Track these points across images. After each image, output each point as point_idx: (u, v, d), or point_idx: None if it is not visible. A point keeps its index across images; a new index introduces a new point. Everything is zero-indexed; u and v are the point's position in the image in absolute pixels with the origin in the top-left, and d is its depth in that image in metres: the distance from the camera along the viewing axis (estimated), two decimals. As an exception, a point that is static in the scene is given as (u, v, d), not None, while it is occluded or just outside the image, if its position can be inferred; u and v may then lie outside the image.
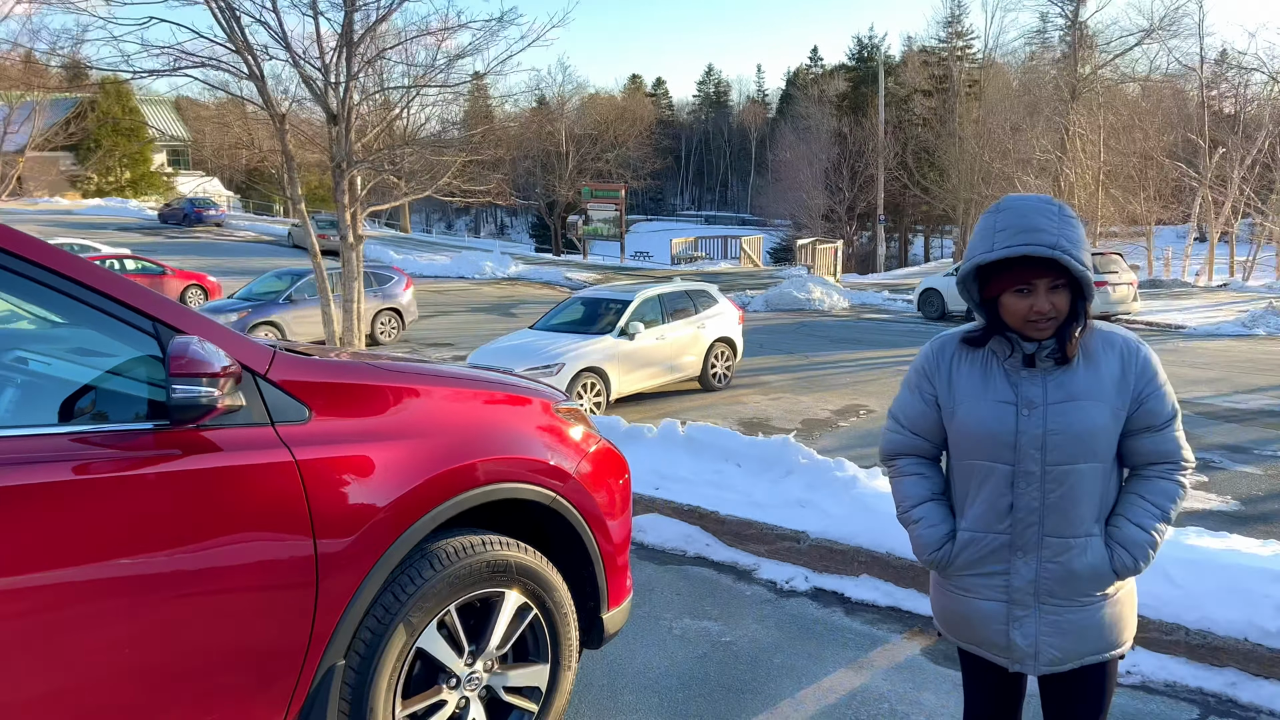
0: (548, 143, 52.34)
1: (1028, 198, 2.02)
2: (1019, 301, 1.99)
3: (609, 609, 3.27)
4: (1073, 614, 2.08)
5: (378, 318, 17.21)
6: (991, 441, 2.06)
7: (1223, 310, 21.73)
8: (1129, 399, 2.05)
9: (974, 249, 2.04)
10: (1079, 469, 2.02)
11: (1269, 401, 10.73)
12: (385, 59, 12.69)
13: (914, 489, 2.25)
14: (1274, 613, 3.63)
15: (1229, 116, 43.70)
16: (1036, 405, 2.02)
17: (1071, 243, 1.94)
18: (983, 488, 2.11)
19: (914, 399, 2.26)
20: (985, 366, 2.11)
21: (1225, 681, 3.62)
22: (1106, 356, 2.06)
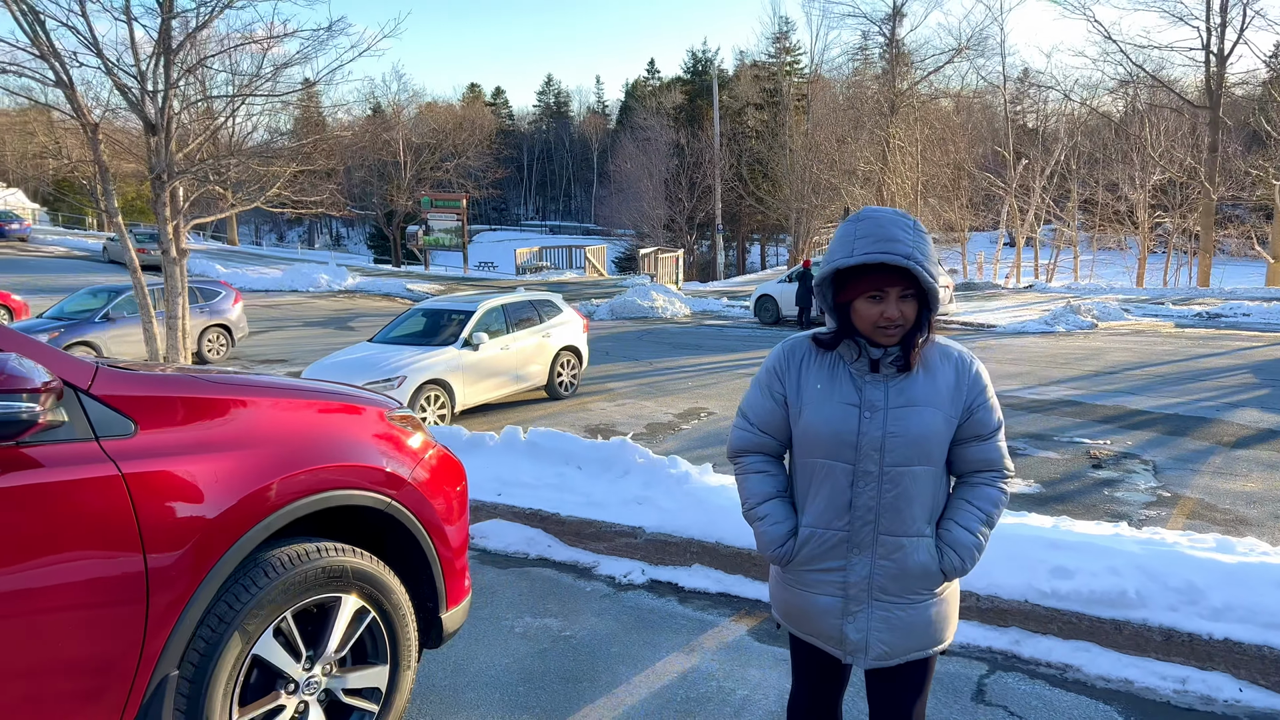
0: (384, 152, 51.16)
1: (886, 210, 2.15)
2: (871, 308, 2.09)
3: (447, 609, 3.37)
4: (902, 611, 2.19)
5: (205, 334, 16.50)
6: (835, 441, 2.15)
7: (1028, 310, 23.41)
8: (961, 408, 2.18)
9: (833, 254, 2.12)
10: (914, 471, 2.14)
11: (1067, 392, 11.64)
12: (208, 66, 12.24)
13: (759, 486, 2.33)
14: (1049, 575, 4.10)
15: (1031, 130, 47.37)
16: (878, 409, 2.13)
17: (924, 255, 2.06)
18: (824, 486, 2.20)
19: (763, 398, 2.32)
20: (833, 369, 2.20)
21: (1010, 639, 4.06)
22: (944, 367, 2.18)
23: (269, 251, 58.19)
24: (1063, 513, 6.24)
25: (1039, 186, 39.61)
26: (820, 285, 2.20)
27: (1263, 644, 3.69)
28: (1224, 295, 26.76)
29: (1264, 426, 9.32)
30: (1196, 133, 36.32)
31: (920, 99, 40.49)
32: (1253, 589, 3.78)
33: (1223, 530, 5.99)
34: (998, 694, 3.70)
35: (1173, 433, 9.21)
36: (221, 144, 15.41)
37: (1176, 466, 7.86)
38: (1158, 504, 6.84)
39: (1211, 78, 33.69)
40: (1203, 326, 19.70)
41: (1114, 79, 39.06)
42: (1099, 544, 4.24)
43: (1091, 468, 7.95)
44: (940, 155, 39.17)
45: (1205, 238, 34.01)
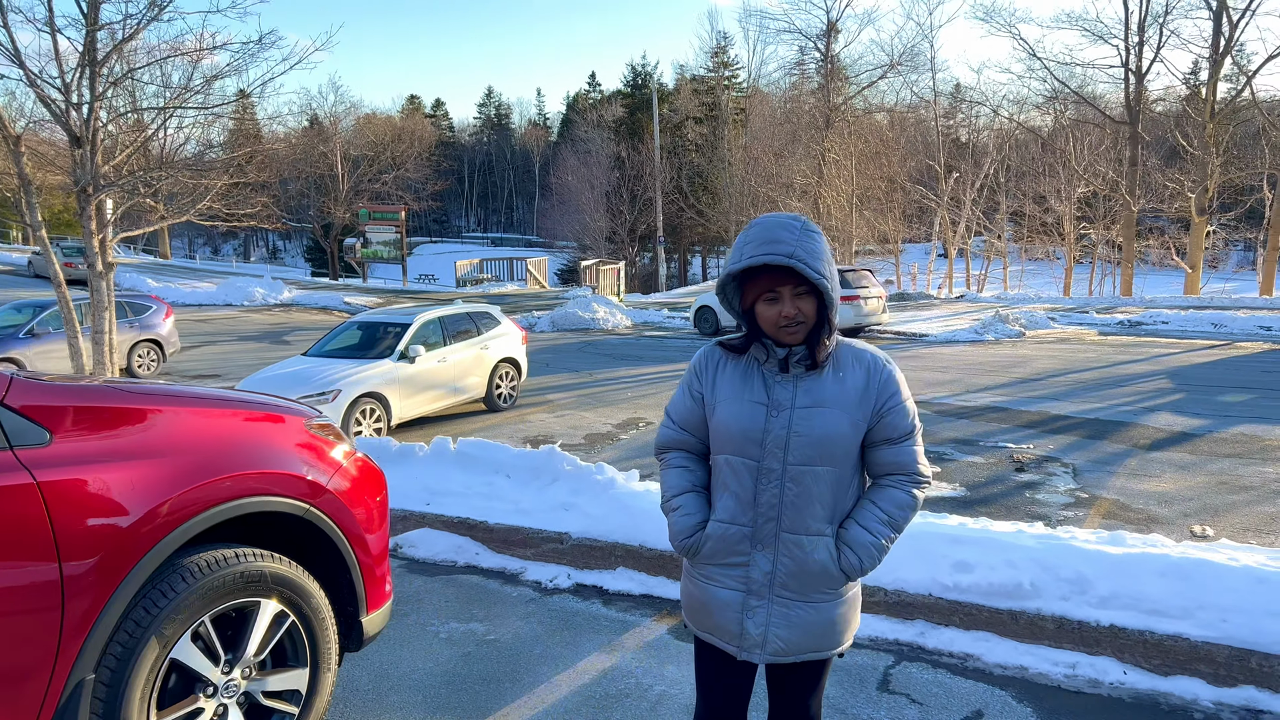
0: (321, 164, 50.62)
1: (777, 215, 2.20)
2: (769, 308, 2.16)
3: (368, 613, 3.45)
4: (802, 610, 2.23)
5: (134, 350, 16.20)
6: (743, 438, 2.21)
7: (960, 319, 23.90)
8: (870, 411, 2.20)
9: (728, 261, 2.21)
10: (816, 471, 2.17)
11: (994, 399, 11.92)
12: (136, 79, 12.08)
13: (676, 480, 2.40)
14: (951, 570, 4.31)
15: (963, 144, 48.58)
16: (785, 408, 2.18)
17: (809, 253, 2.10)
18: (732, 482, 2.25)
19: (684, 398, 2.41)
20: (747, 371, 2.27)
21: (915, 631, 4.26)
22: (855, 370, 2.22)
23: (203, 265, 57.10)
24: (985, 515, 6.35)
25: (970, 199, 40.64)
26: (723, 293, 2.26)
27: (1145, 629, 3.92)
28: (1145, 304, 27.72)
29: (1177, 429, 9.67)
30: (1118, 147, 37.60)
31: (855, 114, 41.32)
32: (1136, 578, 4.02)
33: (1135, 529, 6.20)
34: (901, 683, 3.89)
35: (1093, 436, 9.49)
36: (152, 156, 15.18)
37: (1095, 469, 8.12)
38: (1076, 505, 7.07)
39: (1131, 95, 34.96)
40: (1124, 334, 20.34)
41: (1040, 95, 40.34)
42: (998, 539, 4.46)
43: (1015, 471, 8.16)
44: (875, 169, 39.96)
45: (1127, 248, 35.21)
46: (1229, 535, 6.12)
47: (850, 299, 19.50)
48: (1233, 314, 21.60)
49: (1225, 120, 33.74)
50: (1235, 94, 33.72)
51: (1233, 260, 54.53)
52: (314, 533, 3.28)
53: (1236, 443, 8.91)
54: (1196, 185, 32.63)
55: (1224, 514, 6.68)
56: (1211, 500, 7.04)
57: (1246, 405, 10.91)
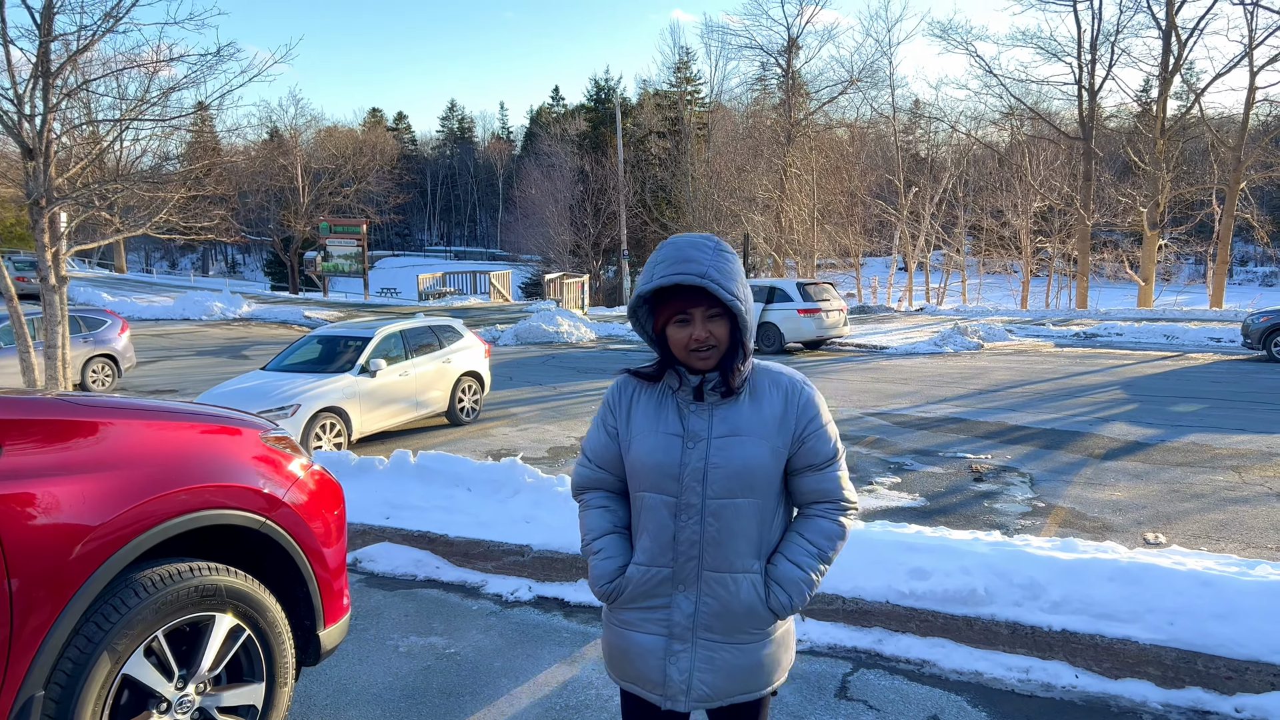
0: (281, 177, 50.17)
1: (690, 235, 2.10)
2: (680, 331, 2.05)
3: (325, 627, 3.43)
4: (728, 652, 2.10)
5: (89, 365, 15.93)
6: (658, 473, 2.09)
7: (919, 331, 24.21)
8: (791, 437, 2.10)
9: (639, 282, 2.10)
10: (737, 504, 2.06)
11: (952, 410, 12.08)
12: (91, 90, 11.93)
13: (596, 522, 2.26)
14: (907, 577, 4.37)
15: (922, 159, 49.31)
16: (701, 439, 2.06)
17: (721, 273, 2.00)
18: (651, 520, 2.12)
19: (599, 433, 2.28)
20: (661, 401, 2.15)
21: (873, 639, 4.31)
22: (771, 395, 2.11)
23: (160, 279, 56.35)
24: (944, 524, 6.44)
25: (929, 213, 41.23)
26: (634, 316, 2.16)
27: (1095, 633, 4.00)
28: (1100, 316, 28.26)
29: (1131, 439, 9.85)
30: (1073, 163, 38.35)
31: (816, 129, 41.82)
32: (1087, 583, 4.11)
33: (1091, 537, 6.31)
34: (859, 690, 3.93)
35: (1049, 446, 9.63)
36: (108, 169, 14.97)
37: (1051, 478, 8.24)
38: (1033, 514, 7.17)
39: (1084, 111, 35.70)
40: (1080, 346, 20.72)
41: (997, 111, 41.13)
42: (954, 546, 4.53)
43: (973, 481, 8.26)
44: (836, 183, 40.43)
45: (1082, 262, 35.89)
46: (1180, 542, 6.25)
47: (812, 312, 19.70)
48: (1184, 326, 22.11)
49: (1175, 137, 34.58)
50: (1185, 111, 34.57)
51: (1184, 273, 55.80)
52: (270, 546, 3.26)
53: (1188, 452, 9.10)
54: (1148, 200, 33.37)
55: (1176, 521, 6.82)
56: (1164, 508, 7.18)
57: (1197, 415, 11.14)
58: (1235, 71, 47.03)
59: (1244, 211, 33.45)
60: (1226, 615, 3.71)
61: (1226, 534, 6.48)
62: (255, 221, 54.42)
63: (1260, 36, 30.59)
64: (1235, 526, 6.64)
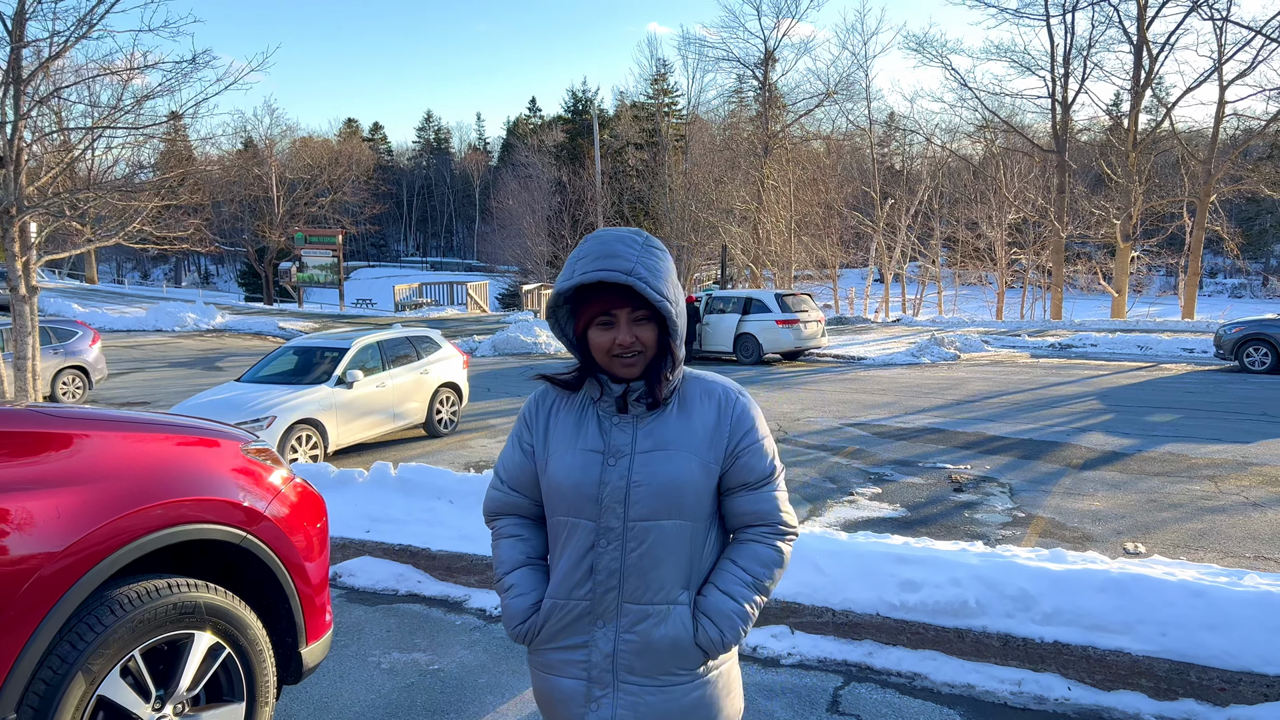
0: (255, 187, 49.80)
1: (618, 229, 1.89)
2: (602, 335, 1.84)
3: (307, 644, 3.34)
4: (654, 696, 1.87)
5: (59, 377, 15.67)
6: (576, 494, 1.88)
7: (896, 342, 24.31)
8: (723, 452, 1.90)
9: (559, 278, 1.88)
10: (662, 526, 1.85)
11: (931, 420, 12.11)
12: (63, 98, 11.76)
13: (508, 553, 2.04)
14: (897, 589, 4.33)
15: (897, 172, 49.71)
16: (623, 454, 1.87)
17: (650, 271, 1.81)
18: (567, 547, 1.91)
19: (514, 452, 2.05)
20: (582, 413, 1.95)
21: (864, 652, 4.26)
22: (703, 406, 1.91)
23: (132, 290, 55.69)
24: (926, 534, 6.46)
25: (905, 225, 41.54)
26: (554, 316, 1.94)
27: (1088, 645, 3.98)
28: (1074, 327, 28.47)
29: (1108, 449, 9.90)
30: (1046, 175, 38.77)
31: (793, 141, 42.01)
32: (1077, 594, 4.09)
33: (1071, 547, 6.32)
34: (851, 704, 3.88)
35: (1027, 457, 9.66)
36: (79, 177, 14.77)
37: (1030, 488, 8.25)
38: (1013, 524, 7.18)
39: (1058, 124, 36.10)
40: (1055, 356, 20.87)
41: (971, 124, 41.46)
42: (943, 557, 4.50)
43: (953, 491, 8.26)
44: (812, 195, 40.64)
45: (1057, 273, 36.23)
46: (1160, 551, 6.27)
47: (790, 323, 19.75)
48: (1158, 336, 22.30)
49: (1147, 150, 35.03)
50: (1156, 125, 35.04)
51: (1155, 285, 56.52)
52: (251, 561, 3.17)
53: (1164, 461, 9.15)
54: (1121, 212, 33.77)
55: (1154, 531, 6.84)
56: (1142, 518, 7.20)
57: (1172, 425, 11.22)
58: (1205, 86, 47.88)
59: (1214, 224, 33.95)
60: (1218, 626, 3.70)
61: (1205, 543, 6.50)
62: (229, 232, 53.98)
63: (1229, 51, 31.09)
64: (1213, 536, 6.67)
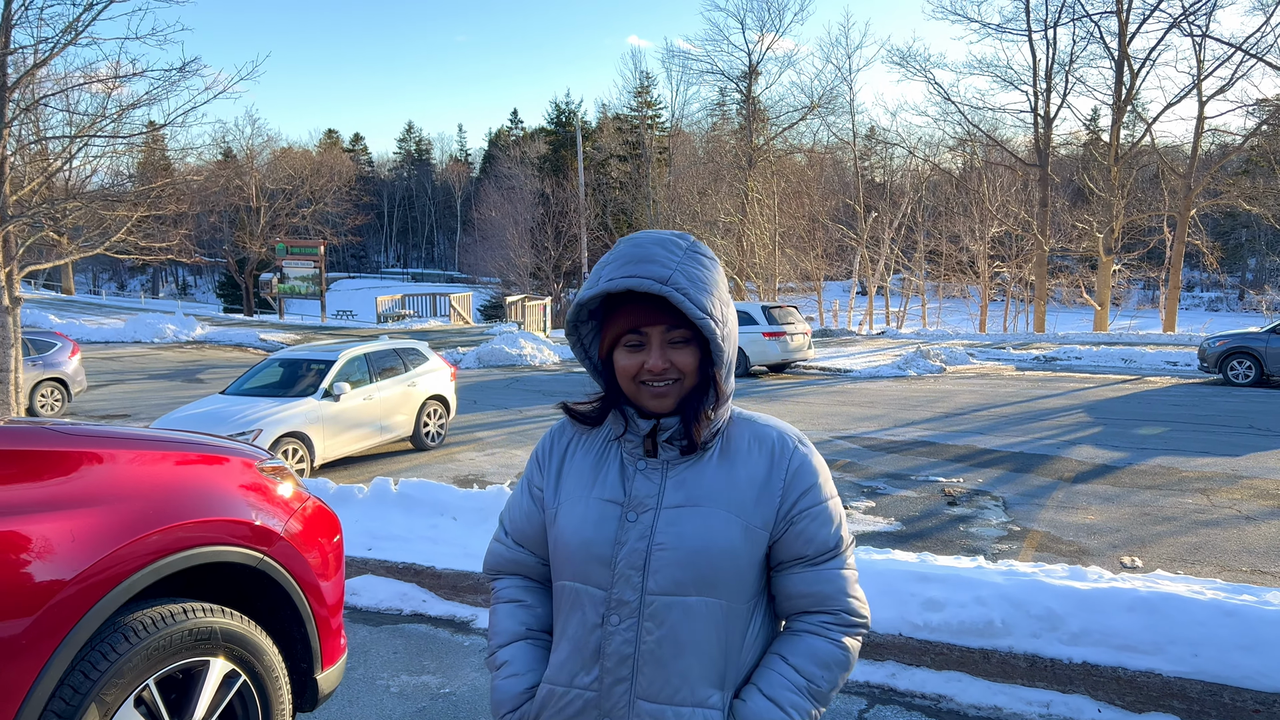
0: (236, 197, 49.47)
1: (658, 231, 1.58)
2: (630, 357, 1.51)
3: (323, 669, 3.22)
4: None
5: (38, 389, 15.39)
6: (585, 554, 1.53)
7: (881, 355, 24.37)
8: (774, 515, 1.52)
9: (583, 287, 1.56)
10: (689, 604, 1.47)
11: (920, 433, 12.09)
12: (45, 105, 11.58)
13: (506, 622, 1.68)
14: (920, 608, 4.25)
15: (880, 185, 50.00)
16: (646, 508, 1.51)
17: (692, 281, 1.47)
18: (571, 622, 1.56)
19: (522, 498, 1.73)
20: (602, 455, 1.61)
21: (887, 673, 4.18)
22: (752, 454, 1.55)
23: (109, 301, 55.07)
24: (923, 549, 6.40)
25: (888, 238, 41.75)
26: (574, 333, 1.62)
27: (1117, 665, 3.91)
28: (1058, 340, 28.65)
29: (1099, 462, 9.90)
30: (1028, 189, 39.11)
31: (776, 153, 42.17)
32: (1106, 613, 4.03)
33: (1068, 561, 6.31)
34: (877, 727, 3.80)
35: (1019, 470, 9.65)
36: (58, 188, 14.57)
37: (1024, 502, 8.23)
38: (1009, 538, 7.14)
39: (1040, 138, 36.42)
40: (1040, 369, 20.95)
41: (954, 137, 41.77)
42: (966, 576, 4.43)
43: (947, 505, 8.23)
44: (796, 208, 40.81)
45: (1040, 286, 36.50)
46: (1156, 565, 6.25)
47: (777, 335, 19.72)
48: (1141, 349, 22.46)
49: (1128, 164, 35.41)
50: (1137, 140, 35.43)
51: (1134, 298, 57.07)
52: (264, 582, 3.05)
53: (1155, 474, 9.15)
54: (1103, 226, 34.08)
55: (1150, 544, 6.82)
56: (1137, 531, 7.18)
57: (1161, 438, 11.25)
58: (1185, 101, 48.46)
59: (1194, 238, 34.32)
60: (1251, 646, 3.64)
61: (1201, 557, 6.48)
62: (209, 242, 53.59)
63: (1209, 68, 31.50)
64: (1208, 549, 6.65)
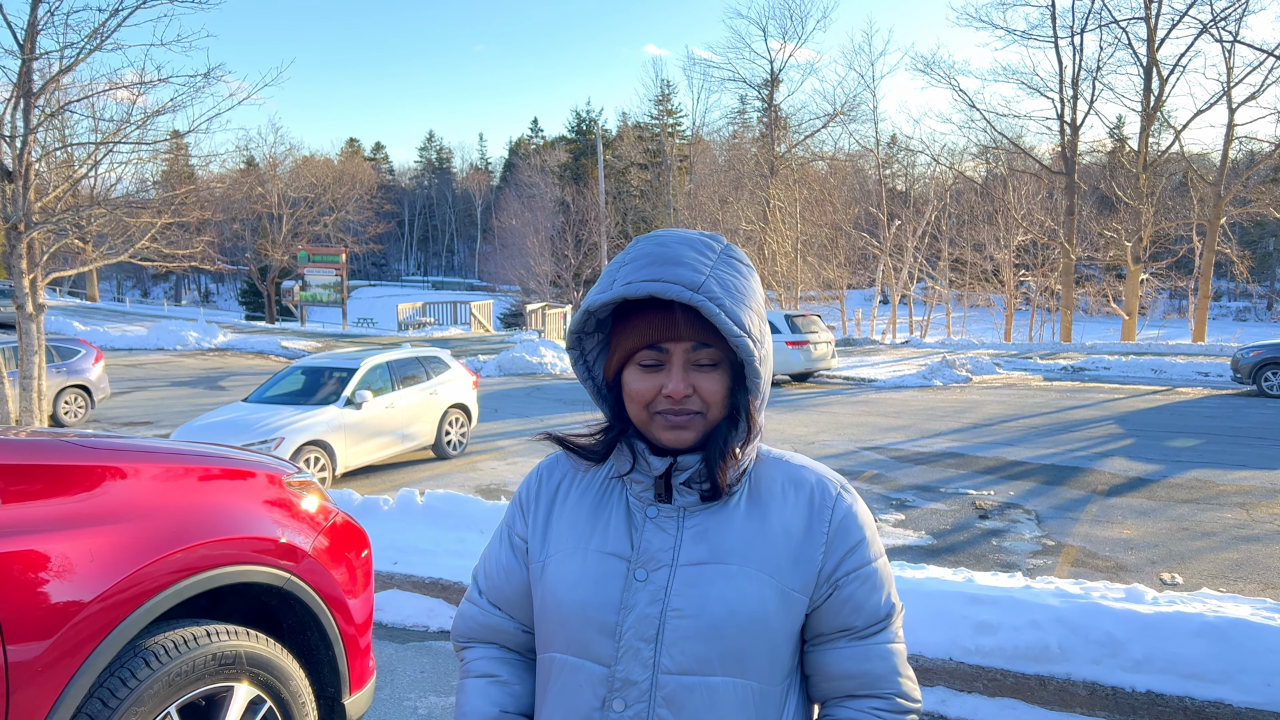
0: (258, 205, 49.77)
1: (684, 230, 1.28)
2: (644, 380, 1.22)
3: (350, 694, 3.08)
4: None
5: (61, 396, 15.41)
6: (581, 620, 1.24)
7: (906, 364, 24.14)
8: (814, 577, 1.24)
9: (590, 292, 1.26)
10: (712, 685, 1.20)
11: (948, 444, 11.91)
12: (71, 111, 11.58)
13: (477, 702, 1.35)
14: (972, 632, 4.06)
15: (902, 193, 49.72)
16: (660, 564, 1.23)
17: (727, 291, 1.19)
18: (561, 703, 1.26)
19: (500, 549, 1.42)
20: (603, 498, 1.32)
21: (937, 699, 3.99)
22: (787, 501, 1.26)
23: (133, 308, 55.53)
24: (956, 563, 6.28)
25: (911, 246, 41.44)
26: (577, 346, 1.32)
27: (1184, 695, 3.72)
28: (1086, 350, 28.28)
29: (1133, 475, 9.68)
30: (1054, 197, 38.73)
31: (798, 161, 42.01)
32: (1170, 640, 3.83)
33: (1107, 578, 6.12)
34: (929, 757, 3.62)
35: (1050, 482, 9.47)
36: (83, 195, 14.59)
37: (1057, 515, 8.05)
38: (1043, 553, 6.97)
39: (1066, 145, 36.05)
40: (1068, 380, 20.66)
41: (978, 145, 41.44)
42: (1018, 598, 4.24)
43: (978, 518, 8.08)
44: (818, 215, 40.60)
45: (1066, 295, 36.07)
46: (1198, 583, 6.07)
47: (800, 344, 19.52)
48: (1171, 360, 22.11)
49: (1157, 172, 34.99)
50: (1166, 147, 35.01)
51: (1160, 308, 56.45)
52: (291, 601, 2.91)
53: (1191, 488, 8.94)
54: (1131, 234, 33.66)
55: (1189, 560, 6.63)
56: (1176, 547, 7.00)
57: (1196, 450, 11.01)
58: (1214, 109, 48.03)
59: (1223, 246, 33.85)
60: (1330, 675, 3.44)
61: (1243, 574, 6.28)
62: (231, 250, 53.90)
63: (1239, 74, 31.08)
64: (1251, 566, 6.45)
